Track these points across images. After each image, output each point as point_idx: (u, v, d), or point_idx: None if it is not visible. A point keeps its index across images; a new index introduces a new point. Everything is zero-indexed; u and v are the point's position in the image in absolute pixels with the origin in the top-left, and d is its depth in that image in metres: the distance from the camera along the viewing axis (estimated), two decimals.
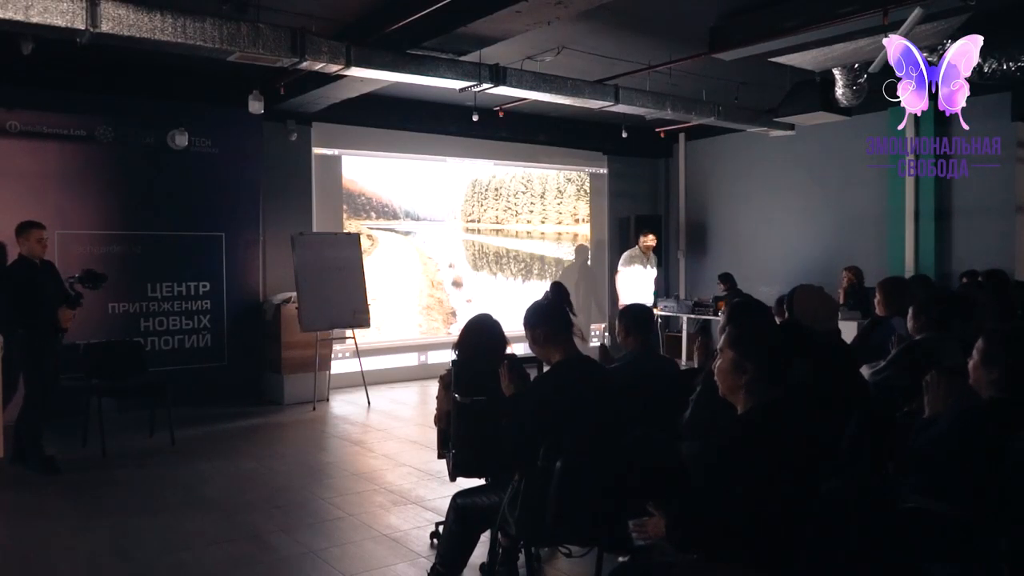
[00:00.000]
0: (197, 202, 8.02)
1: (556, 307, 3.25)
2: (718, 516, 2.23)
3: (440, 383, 3.77)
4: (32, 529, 4.58)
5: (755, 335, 2.45)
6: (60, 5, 4.70)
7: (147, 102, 7.72)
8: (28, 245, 5.83)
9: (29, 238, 5.83)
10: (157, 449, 6.29)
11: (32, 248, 5.83)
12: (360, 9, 6.00)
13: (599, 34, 6.68)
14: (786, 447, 2.26)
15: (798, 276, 9.19)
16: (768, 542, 2.20)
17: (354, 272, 8.27)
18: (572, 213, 11.42)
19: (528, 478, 2.96)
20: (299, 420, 7.43)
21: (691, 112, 8.40)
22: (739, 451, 2.29)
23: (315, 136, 8.93)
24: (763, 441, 2.27)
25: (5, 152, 7.05)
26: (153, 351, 7.63)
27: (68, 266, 7.26)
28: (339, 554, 4.14)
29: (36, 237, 5.85)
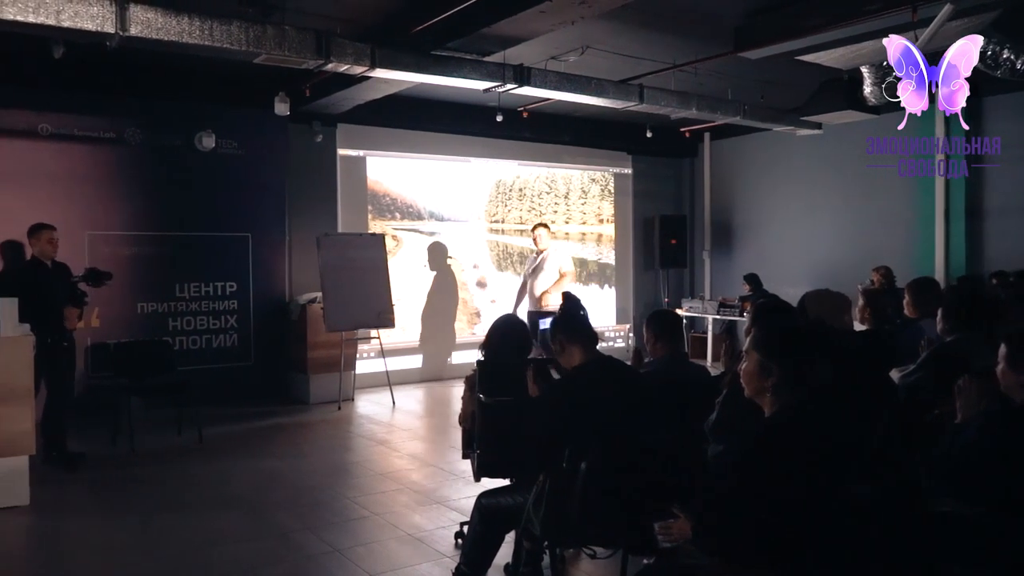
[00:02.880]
0: (224, 203, 8.10)
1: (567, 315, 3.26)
2: (743, 519, 2.21)
3: (465, 383, 3.78)
4: (62, 525, 4.66)
5: (780, 337, 2.43)
6: (90, 9, 4.76)
7: (175, 105, 7.81)
8: (39, 246, 5.94)
9: (40, 239, 5.94)
10: (185, 447, 6.37)
11: (43, 249, 5.94)
12: (384, 10, 6.03)
13: (624, 33, 6.65)
14: (813, 450, 2.24)
15: (825, 277, 9.10)
16: (794, 546, 2.17)
17: (379, 272, 8.31)
18: (596, 213, 11.39)
19: (553, 479, 2.95)
20: (324, 420, 7.48)
21: (716, 111, 8.34)
22: (765, 454, 2.27)
23: (340, 137, 8.98)
24: (789, 444, 2.24)
25: (36, 154, 7.17)
26: (181, 351, 7.72)
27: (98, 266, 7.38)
28: (364, 553, 4.16)
29: (47, 238, 5.95)
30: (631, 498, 2.83)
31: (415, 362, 9.51)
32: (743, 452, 2.35)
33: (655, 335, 3.78)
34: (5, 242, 6.58)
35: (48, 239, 5.95)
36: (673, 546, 2.41)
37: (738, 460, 2.36)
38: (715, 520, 2.29)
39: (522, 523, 3.18)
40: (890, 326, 4.65)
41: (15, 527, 4.60)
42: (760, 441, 2.31)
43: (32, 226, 6.02)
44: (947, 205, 8.59)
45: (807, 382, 2.35)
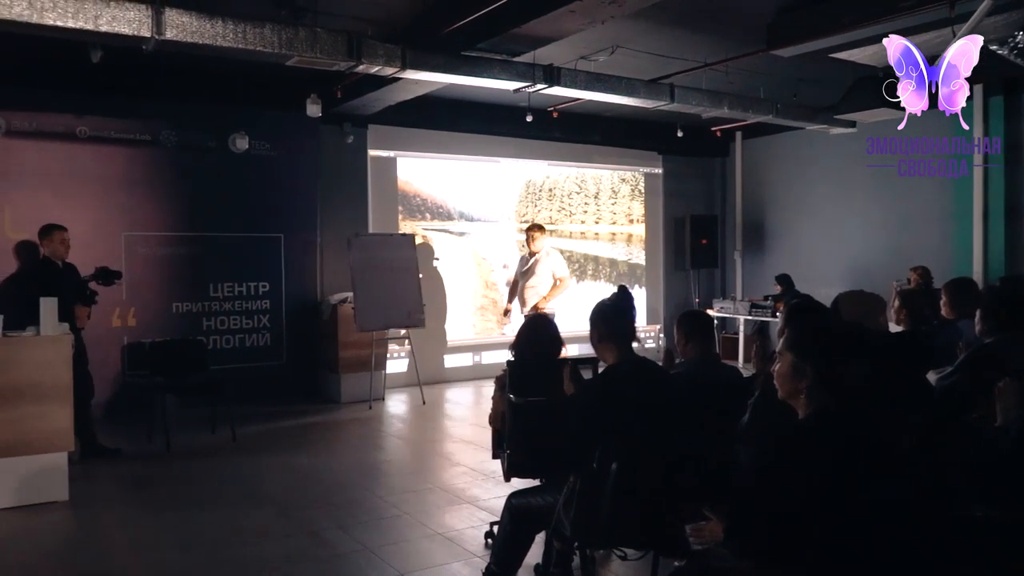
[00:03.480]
0: (257, 204, 8.20)
1: (616, 310, 3.19)
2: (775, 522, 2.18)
3: (495, 383, 3.78)
4: (99, 520, 4.75)
5: (815, 338, 2.39)
6: (127, 14, 4.84)
7: (208, 107, 7.92)
8: (51, 246, 6.07)
9: (52, 240, 6.08)
10: (218, 445, 6.45)
11: (55, 249, 6.07)
12: (415, 12, 6.06)
13: (654, 33, 6.62)
14: (846, 453, 2.21)
15: (858, 277, 8.99)
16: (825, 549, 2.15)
17: (409, 273, 8.34)
18: (626, 213, 11.34)
19: (583, 480, 2.94)
20: (355, 419, 7.53)
21: (748, 110, 8.26)
22: (798, 456, 2.24)
23: (371, 138, 9.04)
24: (823, 446, 2.22)
25: (75, 157, 7.31)
26: (215, 350, 7.82)
27: (134, 266, 7.53)
28: (394, 552, 4.18)
29: (59, 239, 6.08)
30: (662, 500, 2.82)
31: (447, 361, 9.53)
32: (775, 454, 2.33)
33: (686, 336, 3.75)
34: (20, 242, 6.72)
35: (60, 240, 6.09)
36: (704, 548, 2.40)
37: (770, 462, 2.34)
38: (747, 522, 2.27)
39: (552, 523, 3.17)
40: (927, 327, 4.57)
41: (54, 522, 4.70)
42: (793, 443, 2.28)
43: (44, 227, 6.17)
44: (985, 204, 8.43)
45: (842, 384, 2.32)
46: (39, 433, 4.86)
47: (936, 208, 8.97)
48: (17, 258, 6.70)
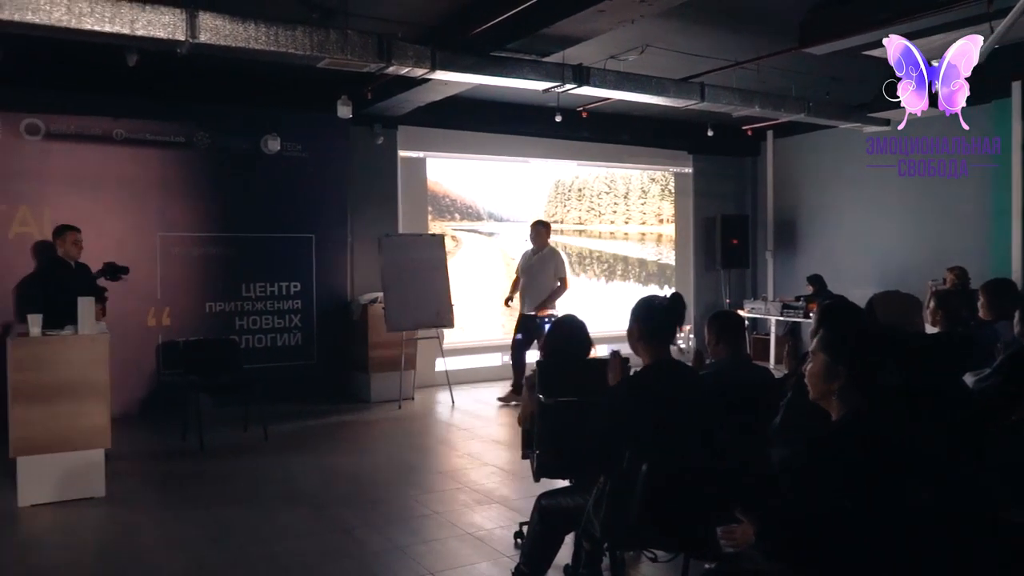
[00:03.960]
0: (288, 205, 8.28)
1: (663, 311, 3.13)
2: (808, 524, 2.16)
3: (525, 383, 3.78)
4: (135, 516, 4.82)
5: (848, 339, 2.37)
6: (162, 18, 4.92)
7: (241, 109, 8.02)
8: (64, 247, 6.21)
9: (65, 240, 6.22)
10: (251, 444, 6.52)
11: (68, 250, 6.21)
12: (444, 13, 6.08)
13: (684, 32, 6.58)
14: (880, 455, 2.18)
15: (893, 278, 8.86)
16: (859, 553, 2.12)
17: (438, 273, 8.37)
18: (656, 213, 11.29)
19: (613, 480, 2.94)
20: (385, 418, 7.58)
21: (780, 109, 8.18)
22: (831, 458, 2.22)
23: (401, 139, 9.09)
24: (856, 448, 2.19)
25: (111, 159, 7.44)
26: (247, 349, 7.92)
27: (168, 267, 7.66)
28: (425, 551, 4.20)
29: (71, 239, 6.22)
30: (693, 501, 2.80)
31: (476, 362, 9.55)
32: (808, 456, 2.30)
33: (716, 336, 3.72)
34: (37, 242, 6.85)
35: (73, 240, 6.23)
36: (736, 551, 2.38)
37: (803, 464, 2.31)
38: (779, 525, 2.25)
39: (582, 524, 3.17)
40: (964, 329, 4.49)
41: (91, 517, 4.78)
42: (826, 445, 2.26)
43: (57, 227, 6.32)
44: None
45: (875, 386, 2.29)
46: (77, 430, 4.95)
47: (974, 207, 8.80)
48: (34, 257, 6.83)
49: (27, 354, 4.87)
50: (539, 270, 8.18)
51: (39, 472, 4.88)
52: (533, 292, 8.15)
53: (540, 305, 8.07)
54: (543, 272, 8.16)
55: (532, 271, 8.21)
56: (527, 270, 8.26)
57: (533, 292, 8.15)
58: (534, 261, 8.24)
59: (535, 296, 8.13)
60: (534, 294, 8.14)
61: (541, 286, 8.14)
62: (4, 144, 6.99)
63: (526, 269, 8.28)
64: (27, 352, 4.88)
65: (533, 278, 8.19)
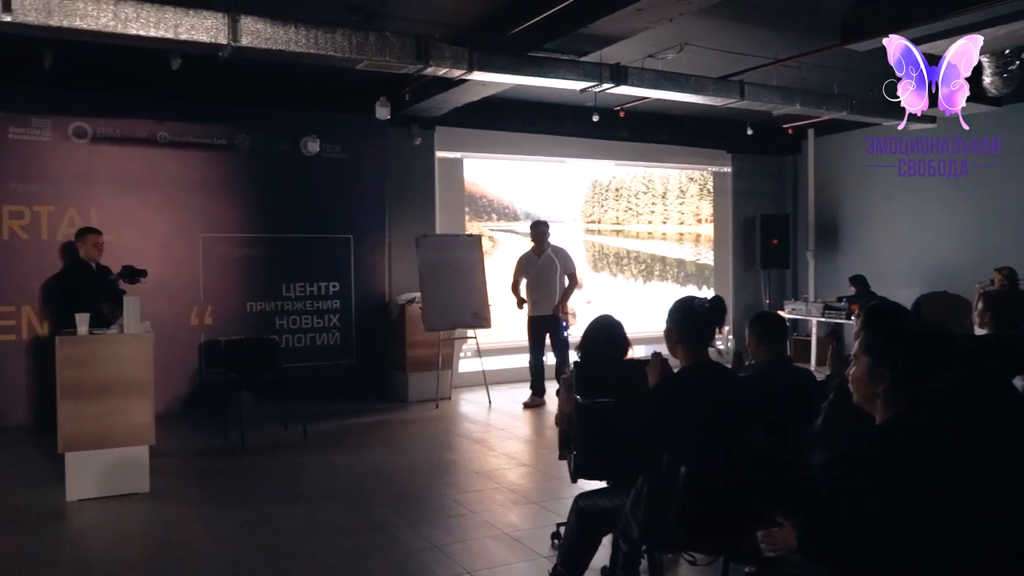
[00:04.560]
0: (327, 206, 8.36)
1: (702, 312, 3.09)
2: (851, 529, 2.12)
3: (562, 384, 3.77)
4: (178, 511, 4.91)
5: (893, 341, 2.32)
6: (205, 22, 5.00)
7: (281, 112, 8.12)
8: (85, 249, 6.40)
9: (86, 243, 6.41)
10: (290, 442, 6.60)
11: (89, 252, 6.40)
12: (481, 14, 6.09)
13: (723, 29, 6.51)
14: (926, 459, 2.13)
15: (940, 278, 8.66)
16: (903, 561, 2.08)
17: (475, 273, 8.39)
18: (694, 213, 11.19)
19: (652, 482, 2.91)
20: (423, 417, 7.62)
21: (822, 106, 8.04)
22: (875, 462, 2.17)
23: (438, 140, 9.13)
24: (901, 452, 2.14)
25: (156, 161, 7.59)
26: (287, 348, 8.02)
27: (210, 267, 7.79)
28: (461, 550, 4.21)
29: (92, 242, 6.41)
30: (732, 504, 2.77)
31: (513, 362, 9.54)
32: (852, 459, 2.26)
33: (758, 337, 3.67)
34: (64, 244, 7.00)
35: (94, 243, 6.40)
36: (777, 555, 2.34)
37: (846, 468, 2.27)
38: (821, 530, 2.21)
39: (620, 526, 3.15)
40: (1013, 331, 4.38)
41: (135, 512, 4.88)
42: (870, 448, 2.21)
43: (79, 230, 6.54)
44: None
45: (922, 389, 2.24)
46: (123, 427, 5.05)
47: (1022, 206, 8.58)
48: (61, 259, 6.99)
49: (75, 352, 4.98)
50: (549, 270, 8.12)
51: (86, 468, 4.99)
52: (547, 293, 8.07)
53: (558, 305, 8.04)
54: (553, 271, 8.11)
55: (541, 272, 8.11)
56: (533, 273, 8.15)
57: (547, 293, 8.07)
58: (540, 263, 8.14)
59: (549, 297, 8.07)
60: (548, 295, 8.06)
61: (554, 286, 8.09)
62: (53, 147, 7.17)
63: (532, 272, 8.17)
64: (75, 350, 4.99)
65: (544, 279, 8.10)
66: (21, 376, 7.00)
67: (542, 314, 8.08)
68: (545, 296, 8.10)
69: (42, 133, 7.13)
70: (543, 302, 8.09)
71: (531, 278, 8.18)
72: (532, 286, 8.16)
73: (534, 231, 8.29)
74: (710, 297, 3.17)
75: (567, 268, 8.21)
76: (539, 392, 8.12)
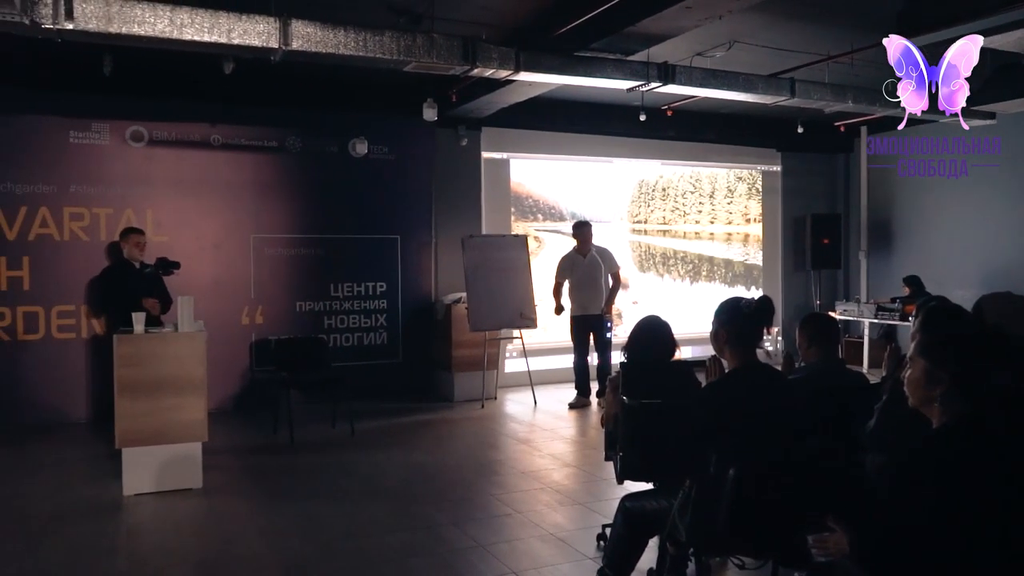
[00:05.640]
0: (375, 206, 8.45)
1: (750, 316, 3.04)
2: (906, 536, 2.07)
3: (609, 385, 3.75)
4: (229, 507, 5.01)
5: (951, 343, 2.26)
6: (257, 27, 5.10)
7: (330, 114, 8.23)
8: (127, 248, 6.64)
9: (128, 242, 6.65)
10: (338, 439, 6.68)
11: (131, 251, 6.62)
12: (528, 14, 6.09)
13: (773, 26, 6.41)
14: (985, 464, 2.07)
15: (998, 279, 8.42)
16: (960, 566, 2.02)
17: (521, 273, 8.40)
18: (743, 213, 11.04)
19: (700, 484, 2.88)
20: (468, 417, 7.65)
21: (875, 104, 7.86)
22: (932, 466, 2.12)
23: (484, 140, 9.16)
24: (959, 457, 2.09)
25: (209, 163, 7.76)
26: (335, 347, 8.12)
27: (261, 267, 7.94)
28: (507, 550, 4.22)
29: (134, 241, 6.63)
30: (783, 508, 2.72)
31: (558, 362, 9.53)
32: (907, 463, 2.21)
33: (809, 339, 3.61)
34: (111, 243, 7.18)
35: (135, 242, 6.63)
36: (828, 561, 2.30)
37: (902, 472, 2.22)
38: (875, 535, 2.16)
39: (667, 528, 3.12)
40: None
41: (188, 507, 4.99)
42: (927, 452, 2.16)
43: (123, 229, 6.79)
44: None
45: (981, 391, 2.18)
46: (176, 424, 5.17)
47: None
48: (107, 258, 7.18)
49: (131, 350, 5.11)
50: (594, 270, 8.10)
51: (142, 463, 5.12)
52: (594, 294, 8.05)
53: (604, 306, 8.04)
54: (598, 271, 8.09)
55: (587, 273, 8.09)
56: (579, 274, 8.13)
57: (594, 294, 8.05)
58: (585, 263, 8.12)
59: (596, 297, 8.06)
60: (595, 295, 8.05)
61: (600, 286, 8.10)
62: (112, 151, 7.38)
63: (577, 273, 8.15)
64: (131, 348, 5.12)
65: (590, 279, 8.09)
66: (81, 374, 7.22)
67: (589, 314, 8.06)
68: (592, 297, 8.07)
69: (101, 137, 7.35)
70: (590, 303, 8.06)
71: (576, 279, 8.16)
72: (578, 287, 8.13)
73: (578, 232, 8.26)
74: (757, 298, 3.12)
75: (611, 268, 8.19)
76: (584, 393, 8.10)
